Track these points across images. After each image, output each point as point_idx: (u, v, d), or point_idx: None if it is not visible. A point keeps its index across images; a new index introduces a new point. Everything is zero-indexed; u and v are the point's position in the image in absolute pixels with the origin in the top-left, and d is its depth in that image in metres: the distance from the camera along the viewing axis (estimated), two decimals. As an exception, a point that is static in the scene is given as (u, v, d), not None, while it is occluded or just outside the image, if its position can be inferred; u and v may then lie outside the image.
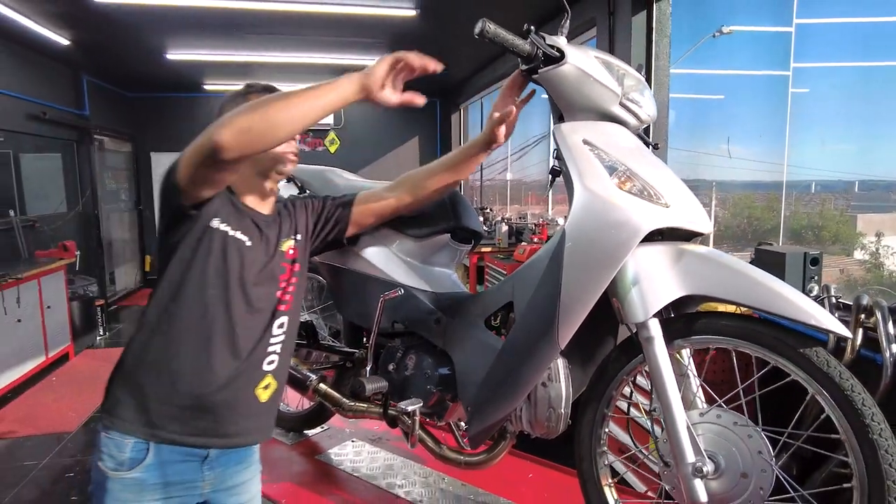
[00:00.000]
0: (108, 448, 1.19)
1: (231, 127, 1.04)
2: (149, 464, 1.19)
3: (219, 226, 1.22)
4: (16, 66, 5.63)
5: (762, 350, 1.11)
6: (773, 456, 1.08)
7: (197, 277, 1.20)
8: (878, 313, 2.01)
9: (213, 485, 1.27)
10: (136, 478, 1.19)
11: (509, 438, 1.41)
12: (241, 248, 1.24)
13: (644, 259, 1.16)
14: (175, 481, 1.23)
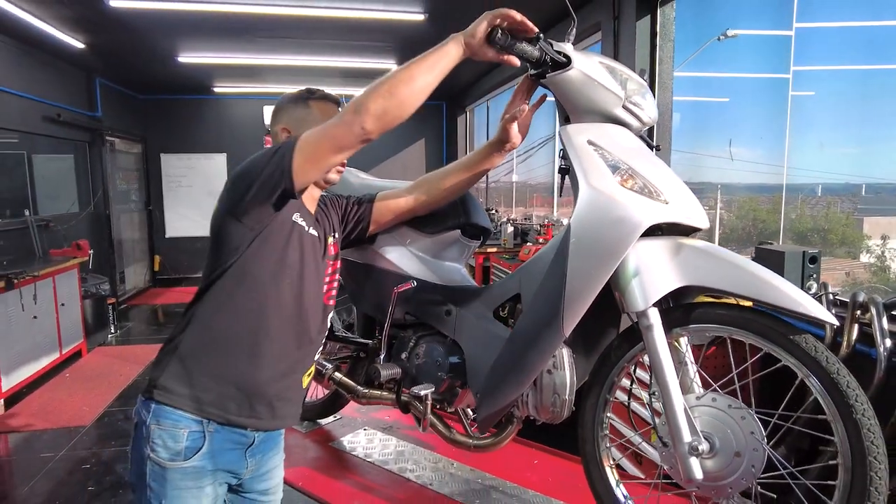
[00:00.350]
0: (161, 439, 1.21)
1: (369, 114, 1.14)
2: (206, 451, 1.24)
3: (298, 220, 1.30)
4: (32, 69, 5.75)
5: (754, 337, 1.18)
6: (765, 436, 1.16)
7: (274, 265, 1.25)
8: (872, 309, 2.08)
9: (252, 471, 1.34)
10: (196, 466, 1.23)
11: (516, 423, 1.48)
12: (314, 244, 1.33)
13: (645, 252, 1.24)
14: (224, 468, 1.28)
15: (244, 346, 1.25)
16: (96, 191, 6.97)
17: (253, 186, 1.22)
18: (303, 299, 1.30)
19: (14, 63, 5.47)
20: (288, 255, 1.27)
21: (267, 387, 1.27)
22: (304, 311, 1.30)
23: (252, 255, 1.24)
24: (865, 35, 3.66)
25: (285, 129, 1.38)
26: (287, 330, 1.29)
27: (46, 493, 3.06)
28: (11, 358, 4.16)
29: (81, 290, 5.37)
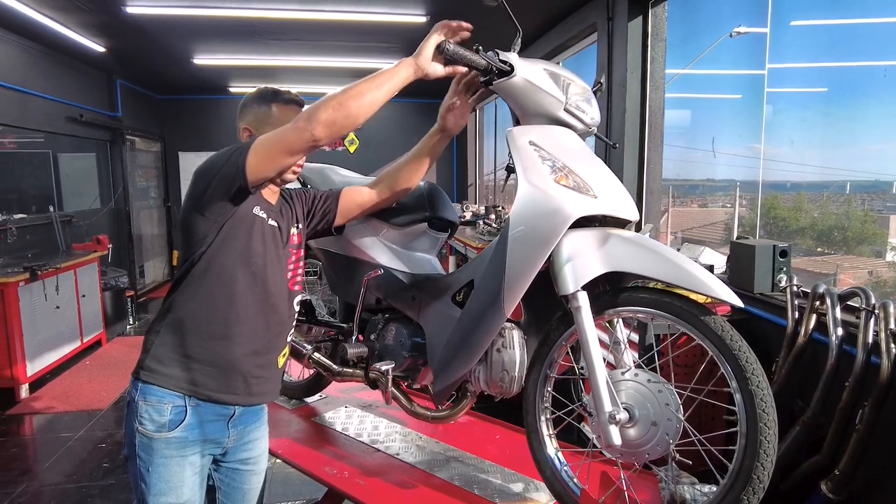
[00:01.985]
0: (148, 413, 1.35)
1: (320, 123, 1.29)
2: (188, 423, 1.38)
3: (259, 213, 1.43)
4: (57, 72, 6.03)
5: (671, 318, 1.31)
6: (680, 407, 1.29)
7: (237, 255, 1.39)
8: (828, 300, 2.18)
9: (234, 440, 1.49)
10: (178, 436, 1.38)
11: (470, 398, 1.63)
12: (275, 234, 1.47)
13: (576, 241, 1.37)
14: (209, 438, 1.43)
15: (217, 330, 1.39)
16: (117, 188, 7.27)
17: (212, 183, 1.35)
18: (268, 285, 1.44)
19: (40, 67, 5.76)
20: (251, 245, 1.41)
21: (241, 366, 1.42)
22: (271, 296, 1.45)
23: (217, 245, 1.38)
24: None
25: (247, 129, 1.51)
26: (255, 314, 1.43)
27: (66, 469, 3.30)
28: (35, 345, 4.43)
29: (101, 282, 5.64)
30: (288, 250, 1.54)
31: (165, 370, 1.37)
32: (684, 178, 6.83)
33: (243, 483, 1.56)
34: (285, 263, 1.53)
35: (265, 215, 1.46)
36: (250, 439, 1.54)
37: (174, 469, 1.39)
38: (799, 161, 4.67)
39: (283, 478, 3.18)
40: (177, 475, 1.39)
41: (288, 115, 1.48)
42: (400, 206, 1.83)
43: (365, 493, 1.54)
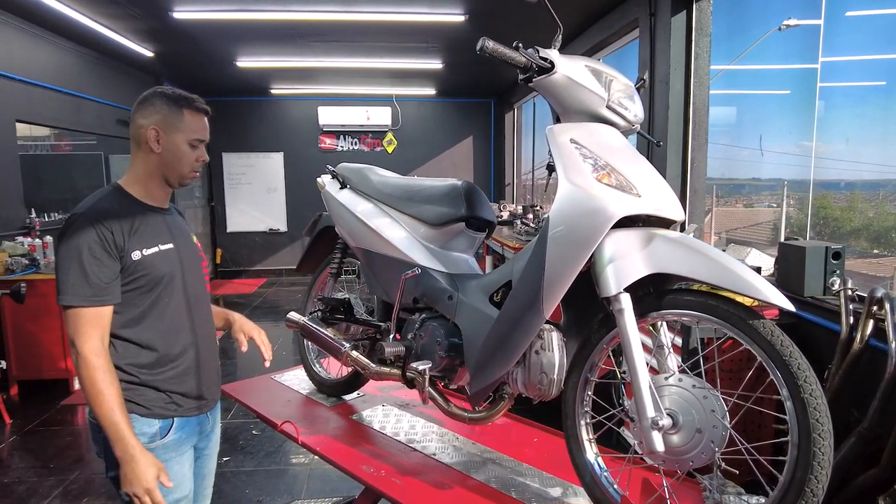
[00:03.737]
0: (138, 428, 1.44)
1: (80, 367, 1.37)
2: (177, 426, 1.53)
3: (139, 256, 1.45)
4: (109, 77, 6.27)
5: (718, 322, 1.26)
6: (727, 414, 1.24)
7: (152, 300, 1.48)
8: (887, 305, 2.08)
9: (211, 425, 1.68)
10: (174, 439, 1.52)
11: (507, 400, 1.61)
12: (166, 255, 1.51)
13: (619, 241, 1.34)
14: (195, 433, 1.60)
15: (169, 364, 1.52)
16: (164, 188, 7.48)
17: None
18: (190, 306, 1.58)
19: (93, 72, 6.00)
20: (153, 285, 1.50)
21: (197, 386, 1.58)
22: (193, 314, 1.59)
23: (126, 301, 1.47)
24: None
25: (155, 129, 1.49)
26: (189, 338, 1.57)
27: (113, 458, 3.40)
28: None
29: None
30: (199, 254, 1.67)
31: (142, 409, 1.48)
32: (728, 177, 6.63)
33: (202, 467, 1.69)
34: (199, 266, 1.66)
35: (145, 250, 1.50)
36: (215, 424, 1.72)
37: (176, 468, 1.51)
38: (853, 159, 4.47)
39: (321, 474, 3.22)
40: (179, 472, 1.52)
41: (198, 123, 1.54)
42: (437, 205, 1.82)
43: (401, 492, 1.54)
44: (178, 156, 1.51)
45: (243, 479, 3.19)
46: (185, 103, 1.51)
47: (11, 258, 4.31)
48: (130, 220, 1.46)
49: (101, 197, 1.48)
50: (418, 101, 9.34)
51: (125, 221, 1.44)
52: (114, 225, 1.42)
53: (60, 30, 5.20)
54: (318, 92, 8.91)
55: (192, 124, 1.51)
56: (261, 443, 3.64)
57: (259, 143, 9.29)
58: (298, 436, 1.87)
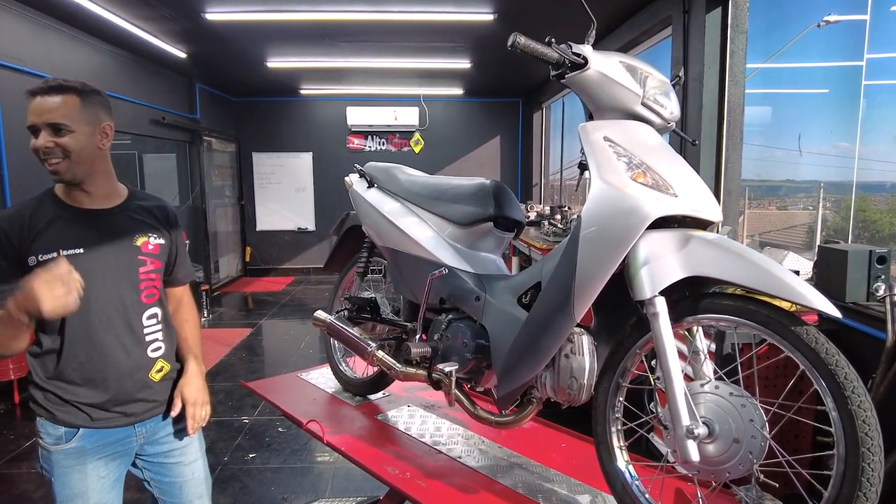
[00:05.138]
0: (44, 428, 1.44)
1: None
2: (83, 433, 1.45)
3: (35, 262, 1.38)
4: (143, 78, 6.40)
5: (758, 328, 1.21)
6: (766, 424, 1.18)
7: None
8: (935, 312, 1.98)
9: (145, 437, 1.55)
10: (75, 447, 1.44)
11: (535, 404, 1.57)
12: (78, 261, 1.36)
13: (654, 243, 1.29)
14: (112, 441, 1.49)
15: (80, 372, 1.44)
16: (194, 186, 7.64)
17: None
18: (102, 315, 1.47)
19: (128, 73, 6.13)
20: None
21: (110, 396, 1.47)
22: (110, 324, 1.47)
23: None
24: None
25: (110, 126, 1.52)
26: (104, 346, 1.46)
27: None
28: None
29: (179, 276, 5.92)
30: (139, 258, 1.55)
31: (48, 414, 1.46)
32: (761, 178, 6.45)
33: (176, 475, 1.59)
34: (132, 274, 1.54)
35: (53, 254, 1.43)
36: (166, 433, 1.58)
37: (76, 477, 1.45)
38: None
39: (346, 473, 3.22)
40: (79, 483, 1.44)
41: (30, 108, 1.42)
42: (465, 204, 1.80)
43: (427, 495, 1.52)
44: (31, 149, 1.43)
45: (269, 476, 3.21)
46: (26, 92, 1.42)
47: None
48: (37, 223, 1.43)
49: (21, 202, 1.48)
50: (446, 101, 9.32)
51: (28, 227, 1.42)
52: (10, 233, 1.40)
53: (97, 32, 5.33)
54: (346, 92, 8.96)
55: (28, 112, 1.41)
56: (286, 440, 3.66)
57: (288, 142, 9.39)
58: (324, 435, 1.86)
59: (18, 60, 4.42)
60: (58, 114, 1.38)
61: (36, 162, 1.44)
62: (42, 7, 4.65)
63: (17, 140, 4.34)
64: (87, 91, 1.45)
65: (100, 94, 1.49)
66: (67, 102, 1.40)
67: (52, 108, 1.38)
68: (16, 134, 4.32)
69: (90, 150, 1.45)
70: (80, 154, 1.42)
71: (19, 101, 1.49)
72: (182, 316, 1.73)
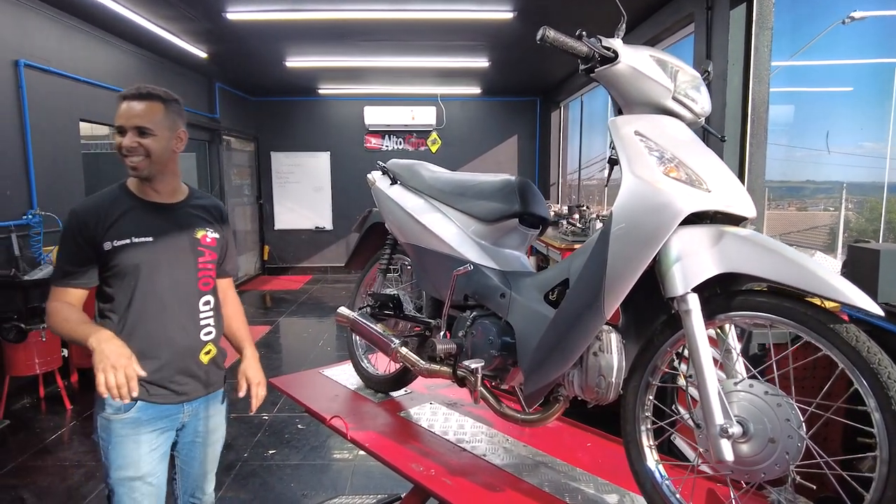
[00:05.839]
0: (106, 399, 1.56)
1: (48, 320, 1.60)
2: (140, 406, 1.61)
3: (110, 247, 1.57)
4: (165, 78, 6.47)
5: (795, 325, 1.18)
6: (803, 424, 1.16)
7: (123, 288, 1.60)
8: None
9: (190, 414, 1.73)
10: (132, 417, 1.60)
11: (563, 402, 1.55)
12: (140, 248, 1.60)
13: (687, 239, 1.27)
14: (163, 416, 1.66)
15: (140, 348, 1.57)
16: (214, 185, 7.71)
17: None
18: (163, 298, 1.65)
19: (150, 73, 6.21)
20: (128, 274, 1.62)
21: (163, 373, 1.64)
22: (167, 308, 1.65)
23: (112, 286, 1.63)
24: None
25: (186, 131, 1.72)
26: (164, 326, 1.64)
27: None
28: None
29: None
30: (198, 249, 1.73)
31: None
32: (781, 179, 6.36)
33: (198, 454, 1.79)
34: (192, 264, 1.73)
35: (125, 240, 1.62)
36: (206, 415, 1.78)
37: (130, 446, 1.60)
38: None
39: (365, 470, 3.23)
40: (133, 451, 1.60)
41: (119, 111, 1.61)
42: (490, 201, 1.78)
43: (453, 493, 1.51)
44: (115, 146, 1.62)
45: (288, 473, 3.23)
46: (118, 95, 1.61)
47: (73, 251, 4.49)
48: (113, 213, 1.60)
49: (97, 193, 1.67)
50: (463, 100, 9.32)
51: (104, 216, 1.59)
52: (89, 220, 1.58)
53: (122, 33, 5.40)
54: (364, 92, 9.00)
55: (117, 114, 1.59)
56: (306, 437, 3.68)
57: (306, 142, 9.44)
58: (347, 431, 1.86)
59: (45, 61, 4.50)
60: (144, 118, 1.57)
61: (61, 157, 1.56)
62: (69, 9, 4.72)
63: (43, 137, 4.42)
64: (169, 100, 1.64)
65: (179, 104, 1.68)
66: (153, 109, 1.59)
67: (139, 113, 1.57)
68: (42, 131, 4.39)
69: (166, 152, 1.63)
70: (158, 155, 1.61)
71: (45, 100, 1.58)
72: (231, 308, 1.92)
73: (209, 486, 1.86)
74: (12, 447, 3.53)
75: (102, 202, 1.62)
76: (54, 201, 4.54)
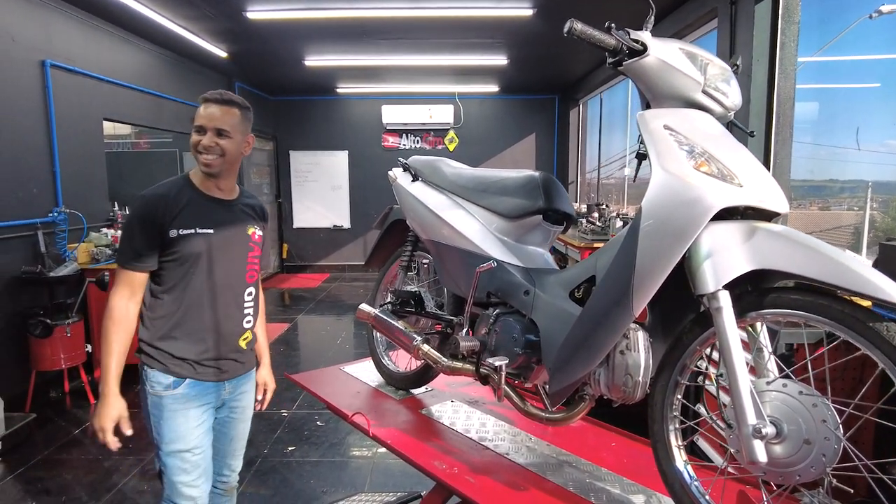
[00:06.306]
0: (155, 378, 1.72)
1: (105, 314, 1.70)
2: (188, 383, 1.74)
3: (176, 234, 1.69)
4: (185, 77, 6.54)
5: (831, 324, 1.15)
6: (840, 425, 1.12)
7: (182, 273, 1.72)
8: None
9: (229, 392, 1.87)
10: (182, 393, 1.73)
11: (588, 401, 1.53)
12: (201, 238, 1.72)
13: (718, 235, 1.24)
14: (208, 392, 1.79)
15: (188, 329, 1.75)
16: (234, 184, 7.76)
17: None
18: (215, 287, 1.78)
19: (171, 73, 6.27)
20: (189, 260, 1.74)
21: (209, 354, 1.77)
22: (217, 297, 1.78)
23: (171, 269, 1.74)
24: None
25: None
26: (213, 312, 1.77)
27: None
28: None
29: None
30: (249, 245, 1.87)
31: (159, 365, 1.74)
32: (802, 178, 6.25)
33: (230, 429, 1.93)
34: (243, 257, 1.86)
35: (189, 230, 1.75)
36: (241, 392, 1.92)
37: (180, 420, 1.73)
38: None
39: (384, 468, 3.22)
40: (183, 424, 1.73)
41: (202, 112, 1.76)
42: (514, 197, 1.77)
43: (476, 491, 1.49)
44: (190, 143, 1.75)
45: (308, 470, 3.24)
46: (201, 98, 1.76)
47: (96, 248, 4.56)
48: (179, 203, 1.71)
49: (164, 183, 1.77)
50: (481, 98, 9.29)
51: (172, 205, 1.70)
52: (159, 207, 1.69)
53: (143, 32, 5.47)
54: (382, 91, 9.01)
55: (198, 114, 1.73)
56: (325, 434, 3.69)
57: (325, 141, 9.48)
58: (369, 428, 1.86)
59: (70, 61, 4.56)
60: (224, 121, 1.72)
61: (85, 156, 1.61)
62: (93, 9, 4.79)
63: (68, 136, 4.49)
64: (245, 107, 1.80)
65: (250, 111, 1.82)
66: (232, 113, 1.74)
67: (219, 115, 1.72)
68: (67, 131, 4.46)
69: (237, 154, 1.78)
70: (231, 155, 1.75)
71: (70, 100, 1.61)
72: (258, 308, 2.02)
73: (237, 463, 1.99)
74: (38, 440, 3.59)
75: (170, 192, 1.72)
76: (78, 199, 4.61)
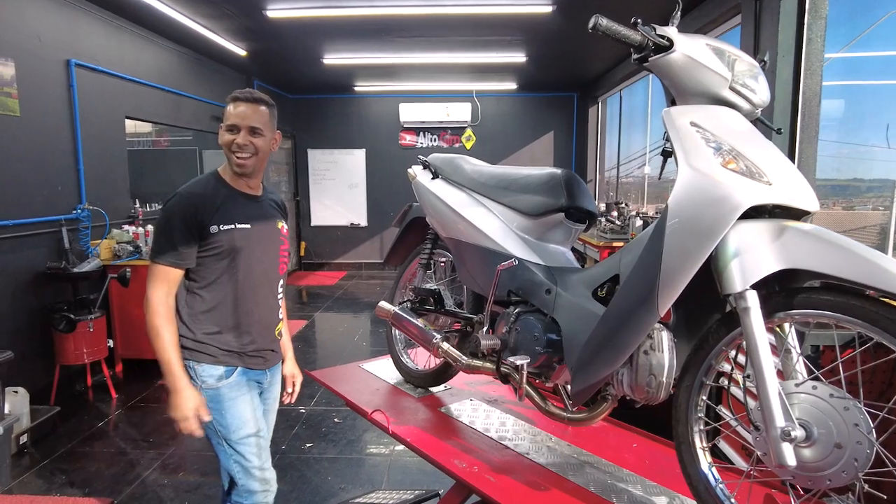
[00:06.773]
0: (206, 371, 1.74)
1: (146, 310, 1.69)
2: (239, 371, 1.79)
3: (217, 230, 1.71)
4: (204, 76, 6.60)
5: (863, 325, 1.12)
6: (873, 430, 1.10)
7: (223, 267, 1.74)
8: None
9: (269, 379, 1.93)
10: (236, 381, 1.78)
11: (611, 401, 1.52)
12: (241, 233, 1.75)
13: (746, 234, 1.22)
14: (256, 379, 1.87)
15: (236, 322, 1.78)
16: (253, 182, 7.82)
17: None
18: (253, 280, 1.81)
19: (191, 71, 6.34)
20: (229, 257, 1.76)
21: (253, 346, 1.82)
22: (257, 291, 1.82)
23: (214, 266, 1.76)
24: None
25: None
26: (256, 305, 1.82)
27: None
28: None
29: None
30: (280, 238, 1.91)
31: (208, 357, 1.76)
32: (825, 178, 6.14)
33: (266, 412, 1.95)
34: (276, 251, 1.90)
35: (229, 225, 1.77)
36: (273, 383, 1.97)
37: (240, 406, 1.77)
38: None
39: (402, 465, 3.23)
40: (246, 409, 1.78)
41: (232, 111, 1.77)
42: (536, 194, 1.75)
43: (497, 490, 1.48)
44: (222, 142, 1.77)
45: (326, 466, 3.25)
46: (230, 97, 1.77)
47: (118, 245, 4.62)
48: (215, 200, 1.73)
49: (197, 180, 1.79)
50: (498, 96, 9.26)
51: (210, 201, 1.72)
52: (198, 204, 1.70)
53: (164, 31, 5.53)
54: (399, 89, 9.01)
55: (229, 113, 1.75)
56: (342, 431, 3.71)
57: (342, 139, 9.52)
58: (389, 425, 1.86)
59: (94, 60, 4.63)
60: (257, 120, 1.74)
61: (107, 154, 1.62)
62: (116, 9, 4.85)
63: (92, 134, 4.55)
64: (271, 105, 1.81)
65: (276, 109, 1.84)
66: (262, 112, 1.76)
67: (251, 114, 1.73)
68: (90, 128, 4.53)
69: (268, 151, 1.81)
70: (262, 153, 1.78)
71: (94, 98, 1.61)
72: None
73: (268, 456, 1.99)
74: (62, 433, 3.65)
75: (205, 189, 1.75)
76: (101, 197, 4.67)
